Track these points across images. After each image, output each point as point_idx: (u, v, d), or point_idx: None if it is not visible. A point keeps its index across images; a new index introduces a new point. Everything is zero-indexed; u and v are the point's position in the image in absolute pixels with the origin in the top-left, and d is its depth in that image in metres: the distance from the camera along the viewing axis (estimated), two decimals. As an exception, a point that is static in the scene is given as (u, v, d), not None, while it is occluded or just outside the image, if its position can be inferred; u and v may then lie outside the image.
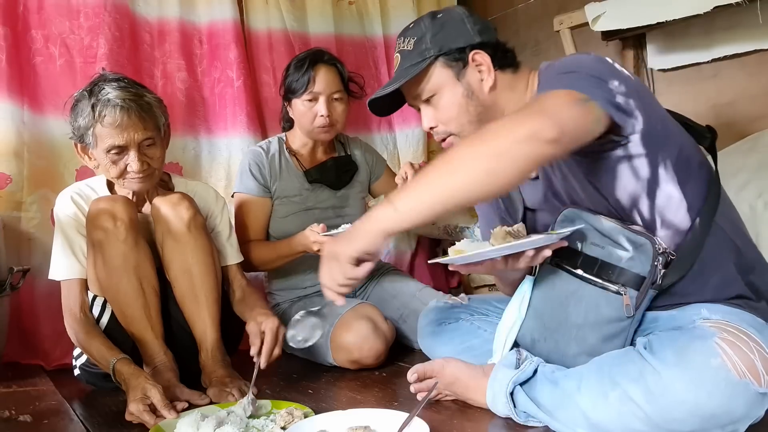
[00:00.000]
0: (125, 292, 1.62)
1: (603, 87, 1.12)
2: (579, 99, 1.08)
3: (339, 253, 1.17)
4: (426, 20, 1.37)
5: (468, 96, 1.34)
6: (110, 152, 1.61)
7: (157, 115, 1.68)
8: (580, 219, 1.28)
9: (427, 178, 1.11)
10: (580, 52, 1.22)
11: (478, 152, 1.07)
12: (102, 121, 1.58)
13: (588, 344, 1.26)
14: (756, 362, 1.09)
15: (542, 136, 1.04)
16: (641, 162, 1.19)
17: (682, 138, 1.26)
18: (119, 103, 1.58)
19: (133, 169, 1.62)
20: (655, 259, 1.20)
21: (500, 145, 1.05)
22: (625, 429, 1.13)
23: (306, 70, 2.02)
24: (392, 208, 1.12)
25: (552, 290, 1.32)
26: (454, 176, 1.07)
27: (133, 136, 1.60)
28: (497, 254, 1.22)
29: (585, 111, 1.08)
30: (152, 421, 1.37)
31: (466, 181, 1.07)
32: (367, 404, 1.50)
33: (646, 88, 1.24)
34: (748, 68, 2.14)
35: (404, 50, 1.36)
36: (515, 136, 1.05)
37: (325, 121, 2.03)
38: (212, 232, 1.82)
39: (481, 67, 1.34)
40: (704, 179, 1.26)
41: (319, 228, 1.88)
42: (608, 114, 1.10)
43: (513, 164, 1.06)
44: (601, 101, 1.09)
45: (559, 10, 2.48)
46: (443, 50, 1.33)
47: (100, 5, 2.18)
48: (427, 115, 1.38)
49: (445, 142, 1.40)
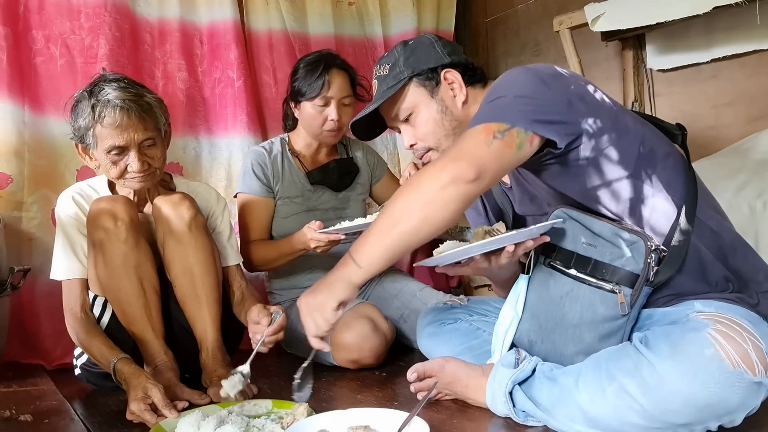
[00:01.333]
0: (126, 292, 1.62)
1: (528, 107, 1.19)
2: (497, 132, 1.17)
3: (322, 304, 1.26)
4: (398, 48, 1.48)
5: (443, 112, 1.43)
6: (110, 153, 1.61)
7: (158, 115, 1.68)
8: (570, 219, 1.30)
9: (377, 232, 1.22)
10: (518, 67, 1.28)
11: (411, 202, 1.18)
12: (102, 121, 1.58)
13: (585, 343, 1.27)
14: (750, 352, 1.10)
15: (463, 178, 1.15)
16: (597, 161, 1.23)
17: (643, 130, 1.29)
18: (119, 103, 1.58)
19: (133, 169, 1.62)
20: (648, 256, 1.22)
21: (428, 193, 1.17)
22: (622, 423, 1.14)
23: (320, 73, 2.01)
24: (355, 264, 1.23)
25: (547, 291, 1.33)
26: (396, 228, 1.19)
27: (133, 136, 1.60)
28: (476, 252, 1.27)
29: (503, 143, 1.16)
30: (153, 421, 1.37)
31: (407, 230, 1.19)
32: (367, 404, 1.50)
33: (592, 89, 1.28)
34: (747, 68, 2.15)
35: (380, 75, 1.47)
36: (439, 182, 1.16)
37: (335, 125, 2.03)
38: (213, 233, 1.83)
39: (453, 85, 1.44)
40: (678, 171, 1.27)
41: (316, 225, 1.89)
42: (533, 133, 1.18)
43: (443, 208, 1.17)
44: (523, 124, 1.17)
45: (559, 10, 2.48)
46: (416, 71, 1.43)
47: (100, 5, 2.19)
48: (407, 133, 1.47)
49: (424, 157, 1.47)
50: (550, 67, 1.27)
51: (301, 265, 2.11)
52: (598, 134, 1.22)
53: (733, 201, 1.76)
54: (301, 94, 2.04)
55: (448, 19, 2.90)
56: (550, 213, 1.33)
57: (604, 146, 1.22)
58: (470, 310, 1.67)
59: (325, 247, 1.90)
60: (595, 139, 1.22)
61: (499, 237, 1.25)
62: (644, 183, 1.24)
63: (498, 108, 1.21)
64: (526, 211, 1.46)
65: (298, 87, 2.05)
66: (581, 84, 1.27)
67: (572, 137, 1.20)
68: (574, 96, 1.22)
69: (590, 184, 1.26)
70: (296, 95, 2.07)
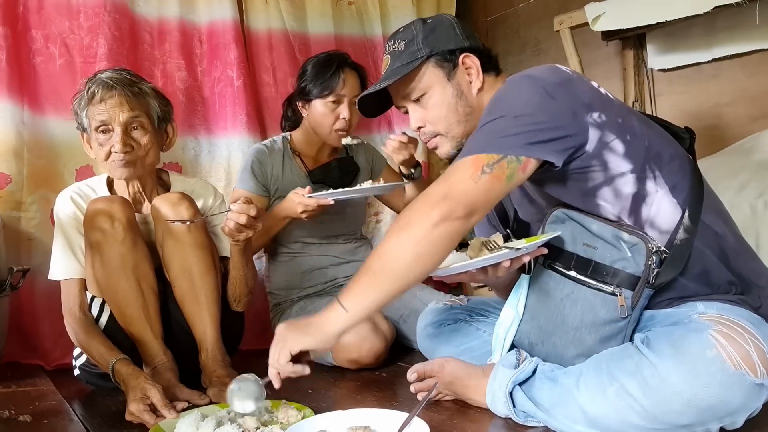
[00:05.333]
0: (124, 293, 1.62)
1: (526, 128, 1.16)
2: (486, 165, 1.16)
3: (288, 340, 1.23)
4: (417, 24, 1.42)
5: (458, 96, 1.39)
6: (98, 131, 1.64)
7: (149, 101, 1.70)
8: (570, 220, 1.29)
9: (369, 277, 1.19)
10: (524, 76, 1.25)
11: (403, 243, 1.17)
12: (92, 100, 1.63)
13: (586, 346, 1.27)
14: (752, 353, 1.09)
15: (453, 216, 1.15)
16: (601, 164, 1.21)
17: (649, 133, 1.27)
18: (108, 81, 1.64)
19: (116, 150, 1.63)
20: (649, 258, 1.21)
21: (419, 232, 1.15)
22: (623, 423, 1.13)
23: (335, 71, 2.01)
24: (343, 310, 1.20)
25: (547, 293, 1.32)
26: (390, 272, 1.18)
27: (117, 113, 1.63)
28: (472, 267, 1.27)
29: (492, 177, 1.16)
30: (152, 421, 1.37)
31: (401, 273, 1.17)
32: (367, 404, 1.50)
33: (599, 90, 1.27)
34: (748, 68, 2.14)
35: (395, 51, 1.41)
36: (430, 221, 1.15)
37: (346, 124, 2.03)
38: (211, 228, 1.82)
39: (470, 70, 1.40)
40: (683, 173, 1.26)
41: (305, 191, 1.89)
42: (527, 158, 1.17)
43: (435, 246, 1.16)
44: (516, 151, 1.16)
45: (559, 10, 2.48)
46: (435, 51, 1.38)
47: (99, 5, 2.18)
48: (415, 114, 1.43)
49: (431, 142, 1.44)
50: (556, 72, 1.25)
51: (301, 265, 2.11)
52: (604, 136, 1.20)
53: (734, 201, 1.76)
54: (312, 93, 2.03)
55: (448, 18, 2.90)
56: (549, 213, 1.32)
57: (609, 149, 1.21)
58: (470, 311, 1.66)
59: (312, 212, 1.90)
60: (600, 140, 1.20)
61: (496, 254, 1.25)
62: (648, 184, 1.23)
63: (492, 134, 1.19)
64: (526, 213, 1.45)
65: (309, 86, 2.04)
66: (588, 86, 1.26)
67: (572, 150, 1.19)
68: (580, 103, 1.20)
69: (592, 187, 1.24)
70: (306, 94, 2.05)
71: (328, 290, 2.11)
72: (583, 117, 1.20)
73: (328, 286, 2.12)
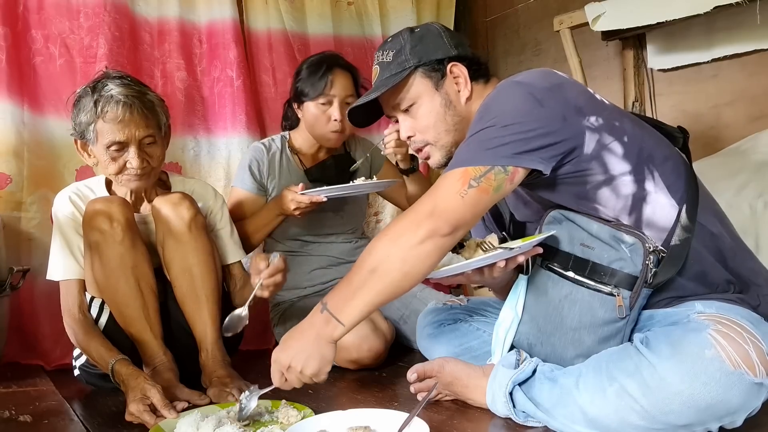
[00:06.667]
0: (123, 293, 1.62)
1: (514, 137, 1.17)
2: (473, 179, 1.17)
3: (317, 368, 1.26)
4: (404, 34, 1.43)
5: (446, 106, 1.40)
6: (110, 148, 1.61)
7: (159, 113, 1.68)
8: (567, 220, 1.29)
9: (359, 287, 1.22)
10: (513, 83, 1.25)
11: (390, 257, 1.19)
12: (104, 116, 1.58)
13: (585, 347, 1.27)
14: (750, 353, 1.09)
15: (439, 234, 1.17)
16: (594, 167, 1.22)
17: (642, 134, 1.28)
18: (122, 99, 1.58)
19: (132, 165, 1.62)
20: (647, 258, 1.21)
21: (406, 247, 1.18)
22: (623, 423, 1.14)
23: (323, 73, 2.01)
24: (337, 322, 1.23)
25: (545, 294, 1.32)
26: (378, 284, 1.20)
27: (134, 132, 1.60)
28: (468, 268, 1.27)
29: (479, 190, 1.17)
30: (152, 421, 1.37)
31: (389, 285, 1.21)
32: (367, 404, 1.50)
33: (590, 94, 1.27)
34: (748, 68, 2.14)
35: (383, 62, 1.42)
36: (417, 238, 1.18)
37: (338, 125, 2.02)
38: (213, 230, 1.82)
39: (458, 79, 1.40)
40: (678, 174, 1.27)
41: (299, 187, 1.89)
42: (515, 168, 1.18)
43: (422, 262, 1.19)
44: (503, 161, 1.17)
45: (559, 10, 2.48)
46: (422, 61, 1.39)
47: (99, 5, 2.18)
48: (405, 124, 1.44)
49: (421, 152, 1.45)
50: (546, 77, 1.25)
51: (301, 266, 2.11)
52: (597, 139, 1.21)
53: (734, 201, 1.76)
54: (304, 95, 2.04)
55: (447, 18, 2.89)
56: (545, 214, 1.33)
57: (602, 151, 1.21)
58: (470, 311, 1.66)
59: (305, 209, 1.90)
60: (593, 143, 1.21)
61: (491, 255, 1.26)
62: (643, 184, 1.23)
63: (481, 145, 1.19)
64: (522, 215, 1.45)
65: (301, 87, 2.05)
66: (579, 90, 1.26)
67: (561, 156, 1.19)
68: (571, 107, 1.21)
69: (589, 189, 1.25)
70: (299, 96, 2.06)
71: (328, 290, 2.10)
72: (575, 121, 1.20)
73: (328, 286, 2.12)
